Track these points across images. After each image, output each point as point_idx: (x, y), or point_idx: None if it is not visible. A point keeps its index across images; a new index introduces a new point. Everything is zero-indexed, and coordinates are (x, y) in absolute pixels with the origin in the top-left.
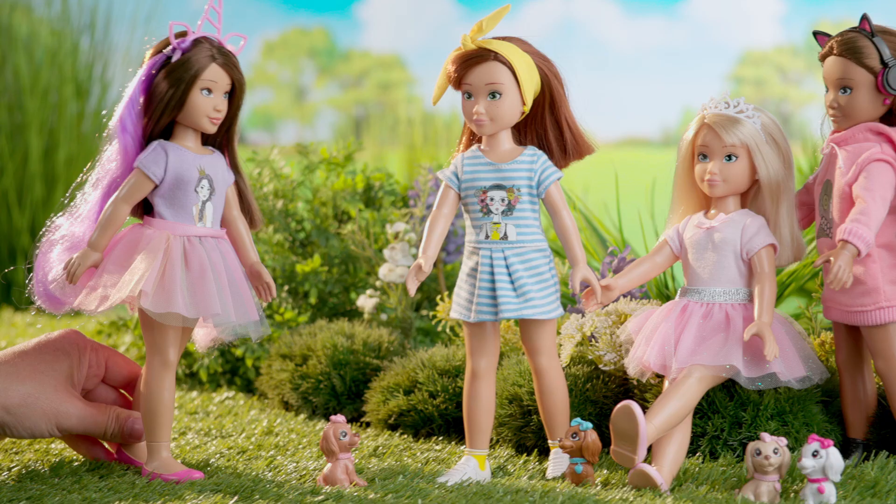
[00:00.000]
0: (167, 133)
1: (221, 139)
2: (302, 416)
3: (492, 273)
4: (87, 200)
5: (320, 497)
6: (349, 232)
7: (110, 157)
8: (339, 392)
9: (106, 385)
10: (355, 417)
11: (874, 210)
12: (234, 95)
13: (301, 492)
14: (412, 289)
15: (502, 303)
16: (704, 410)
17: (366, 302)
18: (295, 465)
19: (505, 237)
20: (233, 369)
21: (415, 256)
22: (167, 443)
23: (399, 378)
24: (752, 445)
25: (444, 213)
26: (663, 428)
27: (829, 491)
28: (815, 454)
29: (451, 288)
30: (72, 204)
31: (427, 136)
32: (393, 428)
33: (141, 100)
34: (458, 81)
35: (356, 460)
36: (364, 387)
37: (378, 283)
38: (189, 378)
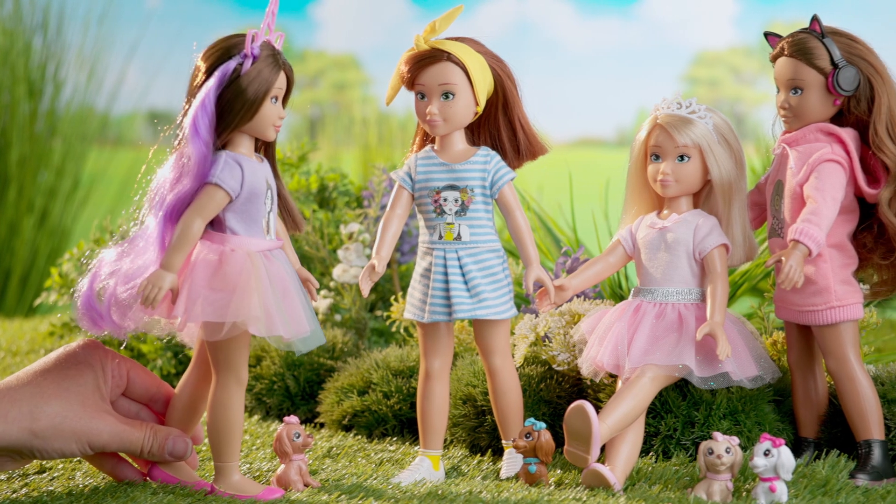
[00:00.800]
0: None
1: (263, 145)
2: (256, 418)
3: (445, 273)
4: (149, 223)
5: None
6: (303, 232)
7: (173, 171)
8: (293, 393)
9: (128, 399)
10: (309, 418)
11: (825, 210)
12: (284, 99)
13: None
14: (366, 289)
15: (456, 303)
16: (657, 410)
17: (320, 302)
18: (248, 466)
19: (458, 238)
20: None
21: (369, 257)
22: (237, 463)
23: (353, 379)
24: (704, 445)
25: (397, 214)
26: (616, 428)
27: (781, 489)
28: (766, 453)
29: (405, 288)
30: (124, 224)
31: (382, 137)
32: (347, 429)
33: (212, 108)
34: (411, 82)
35: (310, 461)
36: (318, 388)
37: (332, 284)
38: None
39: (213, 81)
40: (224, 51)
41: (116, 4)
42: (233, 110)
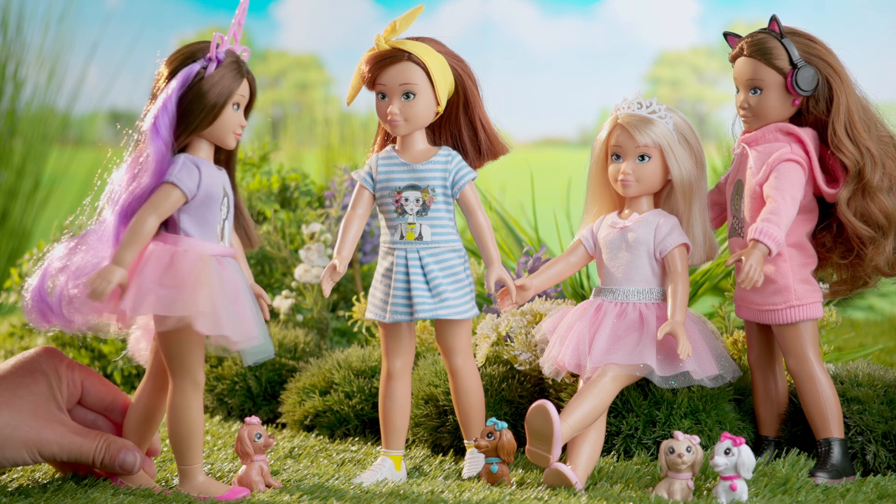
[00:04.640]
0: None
1: (224, 156)
2: (217, 418)
3: (407, 273)
4: (105, 219)
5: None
6: (265, 233)
7: (130, 170)
8: (255, 393)
9: (84, 408)
10: (271, 419)
11: (784, 209)
12: (247, 110)
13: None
14: (327, 289)
15: (417, 303)
16: (619, 409)
17: (281, 303)
18: (210, 466)
19: (420, 237)
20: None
21: (330, 257)
22: (201, 465)
23: (315, 379)
24: (665, 444)
25: (358, 214)
26: (578, 427)
27: (741, 488)
28: (727, 452)
29: (367, 288)
30: (81, 223)
31: (344, 137)
32: (309, 429)
33: (174, 109)
34: (371, 82)
35: (271, 462)
36: (280, 388)
37: (294, 284)
38: None
39: (175, 83)
40: (188, 55)
41: (76, 4)
42: (193, 112)
